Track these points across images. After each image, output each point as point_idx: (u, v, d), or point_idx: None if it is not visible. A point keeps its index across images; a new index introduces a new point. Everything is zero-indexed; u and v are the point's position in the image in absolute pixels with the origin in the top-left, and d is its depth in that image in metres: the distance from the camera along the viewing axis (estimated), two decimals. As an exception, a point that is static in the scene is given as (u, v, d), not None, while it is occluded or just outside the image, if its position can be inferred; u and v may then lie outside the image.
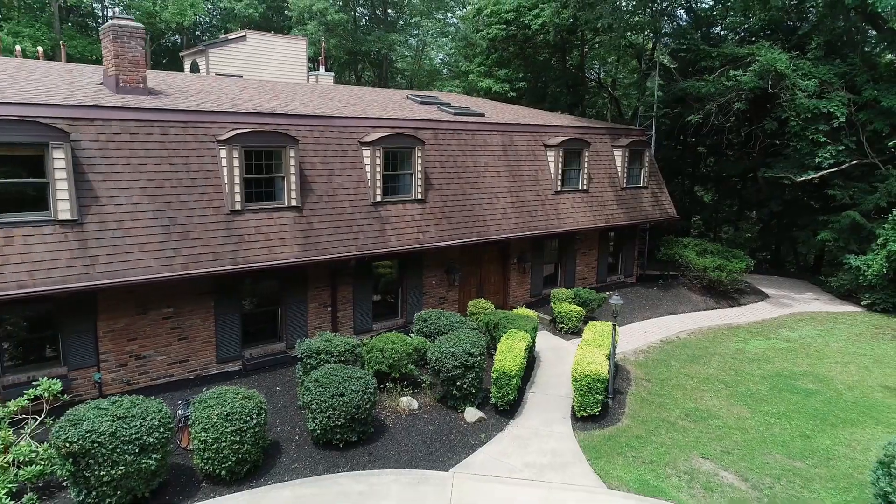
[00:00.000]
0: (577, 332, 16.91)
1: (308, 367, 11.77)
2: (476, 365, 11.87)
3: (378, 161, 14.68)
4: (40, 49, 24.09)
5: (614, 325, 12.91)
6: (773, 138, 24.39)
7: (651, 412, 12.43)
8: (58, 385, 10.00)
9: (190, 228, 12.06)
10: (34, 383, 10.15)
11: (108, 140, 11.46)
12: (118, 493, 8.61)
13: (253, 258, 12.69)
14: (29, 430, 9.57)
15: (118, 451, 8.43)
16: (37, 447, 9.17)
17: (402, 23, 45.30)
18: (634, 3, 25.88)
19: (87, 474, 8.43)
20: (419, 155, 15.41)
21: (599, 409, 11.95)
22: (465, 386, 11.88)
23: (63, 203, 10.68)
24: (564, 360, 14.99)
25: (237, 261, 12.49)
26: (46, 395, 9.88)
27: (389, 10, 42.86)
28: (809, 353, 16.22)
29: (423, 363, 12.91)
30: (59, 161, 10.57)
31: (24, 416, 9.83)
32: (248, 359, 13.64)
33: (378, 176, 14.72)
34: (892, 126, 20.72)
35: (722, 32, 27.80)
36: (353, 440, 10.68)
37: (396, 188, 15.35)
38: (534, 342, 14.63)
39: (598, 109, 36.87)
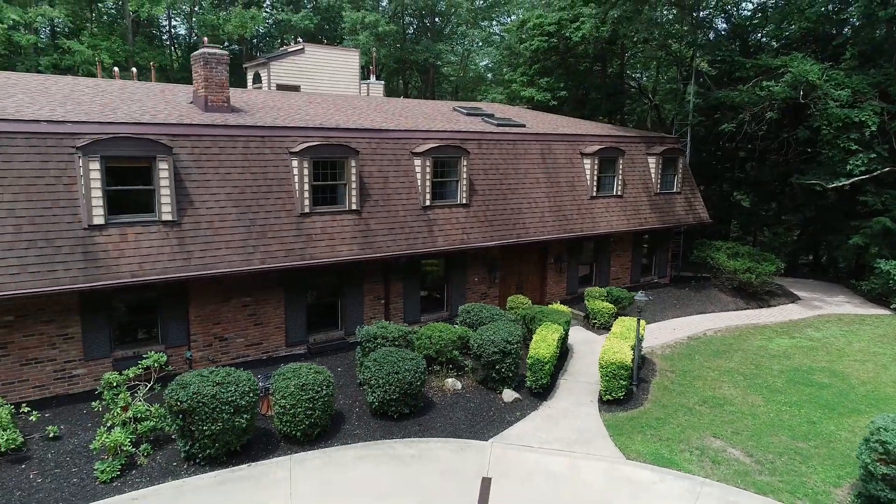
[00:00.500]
0: (608, 328, 18.23)
1: (367, 349, 13.55)
2: (513, 352, 13.44)
3: (428, 169, 16.40)
4: (116, 69, 26.36)
5: (638, 320, 14.28)
6: (806, 146, 25.08)
7: (671, 398, 13.76)
8: (163, 357, 12.07)
9: (266, 228, 13.99)
10: (142, 357, 12.27)
11: (201, 153, 13.50)
12: (216, 445, 10.51)
13: (319, 255, 14.55)
14: (142, 394, 11.61)
15: (217, 410, 10.32)
16: (149, 407, 11.18)
17: (447, 31, 47.03)
18: (674, 14, 26.92)
19: (192, 429, 10.35)
20: (464, 164, 17.06)
21: (623, 393, 13.35)
22: (503, 370, 13.46)
23: (166, 206, 12.74)
24: (595, 351, 16.37)
25: (305, 257, 14.37)
26: (155, 365, 11.93)
27: (437, 19, 44.62)
28: (830, 352, 17.18)
29: (465, 349, 14.53)
30: (163, 171, 12.63)
31: (136, 382, 11.90)
32: (312, 343, 15.53)
33: (427, 183, 16.43)
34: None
35: (762, 40, 28.55)
36: (405, 412, 12.39)
37: (444, 193, 17.03)
38: (566, 334, 16.10)
39: (638, 115, 37.81)
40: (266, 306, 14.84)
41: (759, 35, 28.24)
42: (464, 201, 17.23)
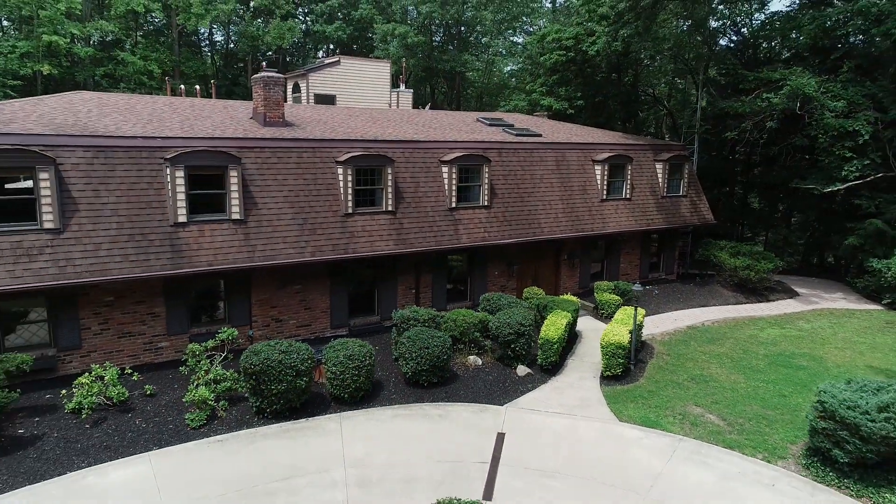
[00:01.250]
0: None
1: (401, 329, 15.91)
2: (526, 333, 15.68)
3: (454, 175, 18.71)
4: (182, 86, 29.00)
5: (635, 308, 16.41)
6: (804, 153, 26.81)
7: (663, 376, 15.86)
8: (235, 332, 14.58)
9: (316, 226, 16.44)
10: (214, 334, 14.80)
11: (262, 162, 16.00)
12: (281, 402, 12.95)
13: (360, 249, 16.97)
14: (218, 361, 14.14)
15: (282, 373, 12.76)
16: (225, 372, 13.68)
17: (472, 39, 49.29)
18: (687, 25, 28.77)
19: (262, 388, 12.81)
20: (486, 170, 19.34)
21: (621, 370, 15.50)
22: (517, 349, 15.71)
23: (235, 207, 15.25)
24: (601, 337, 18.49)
25: (348, 251, 16.79)
26: (228, 339, 14.45)
27: (462, 28, 46.90)
28: (815, 340, 19.06)
29: (485, 332, 16.79)
30: (233, 178, 15.15)
31: (212, 353, 14.42)
32: (352, 326, 17.95)
33: (453, 187, 18.75)
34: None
35: (768, 53, 30.29)
36: (434, 382, 14.71)
37: (467, 196, 19.32)
38: (575, 321, 18.28)
39: (655, 122, 39.63)
40: (314, 293, 17.31)
41: (765, 48, 29.96)
42: (485, 203, 19.51)
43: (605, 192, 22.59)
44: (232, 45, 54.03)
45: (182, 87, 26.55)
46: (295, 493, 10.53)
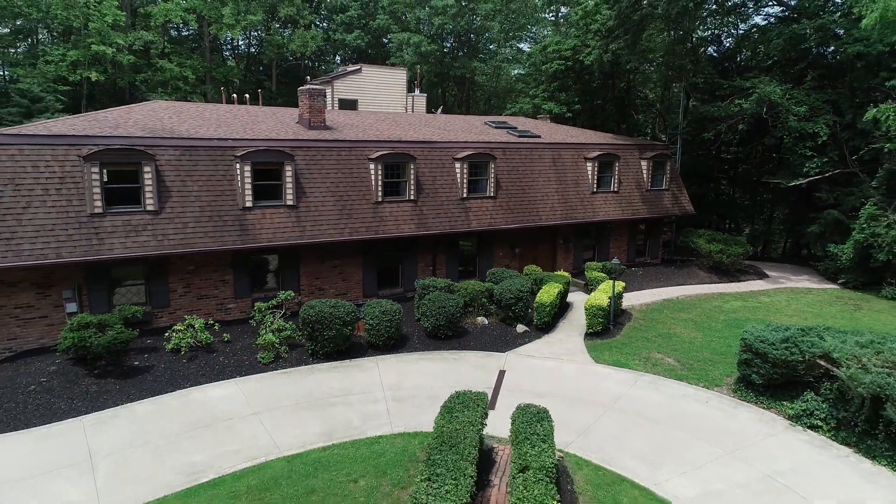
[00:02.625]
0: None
1: (422, 294, 19.54)
2: (524, 298, 19.28)
3: (465, 171, 22.33)
4: (234, 95, 32.57)
5: (614, 279, 19.99)
6: (773, 152, 30.24)
7: (636, 333, 19.43)
8: (291, 294, 18.28)
9: (352, 212, 20.10)
10: (271, 298, 18.49)
11: (310, 159, 19.69)
12: (331, 345, 16.60)
13: (387, 231, 20.61)
14: (279, 316, 17.84)
15: (332, 322, 16.41)
16: (284, 323, 17.37)
17: (481, 46, 52.88)
18: (673, 35, 32.21)
19: (316, 334, 16.48)
20: (492, 167, 22.93)
21: (601, 328, 19.07)
22: (516, 311, 19.31)
23: (289, 195, 18.94)
24: (588, 306, 22.04)
25: (378, 232, 20.44)
26: (286, 300, 18.15)
27: (472, 36, 50.50)
28: (770, 310, 22.52)
29: (491, 298, 20.38)
30: (288, 172, 18.84)
31: (272, 310, 18.12)
32: (380, 295, 21.59)
33: (465, 181, 22.36)
34: (866, 142, 26.32)
35: (745, 61, 33.70)
36: (449, 335, 18.34)
37: (476, 188, 22.92)
38: (566, 292, 21.86)
39: (650, 123, 43.07)
40: (350, 267, 20.98)
41: (743, 58, 33.39)
42: (491, 194, 23.10)
43: (595, 186, 26.13)
44: (253, 50, 57.96)
45: (234, 95, 30.20)
46: (348, 405, 14.20)
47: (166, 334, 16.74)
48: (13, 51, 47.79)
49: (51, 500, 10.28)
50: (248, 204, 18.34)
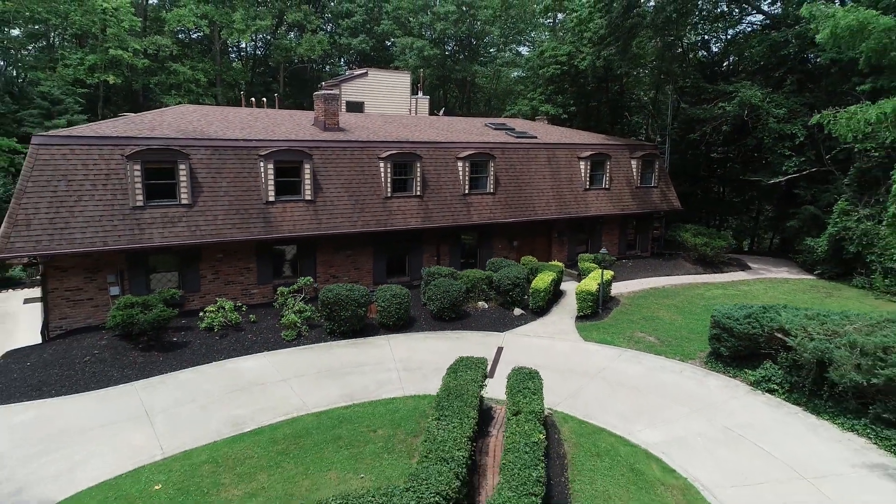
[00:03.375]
0: (593, 281, 25.79)
1: (427, 281, 21.48)
2: (520, 284, 21.23)
3: (467, 169, 24.27)
4: (252, 99, 34.46)
5: (602, 267, 21.93)
6: (755, 151, 32.19)
7: (622, 316, 21.37)
8: (310, 279, 20.23)
9: (364, 206, 22.04)
10: (291, 283, 20.43)
11: (326, 158, 21.64)
12: (346, 325, 18.54)
13: (396, 224, 22.55)
14: (300, 298, 19.79)
15: (349, 304, 18.35)
16: (304, 306, 19.30)
17: (481, 50, 54.86)
18: (663, 41, 34.18)
19: (334, 315, 18.42)
20: (492, 165, 24.87)
21: (590, 311, 21.01)
22: (514, 296, 21.25)
23: (307, 191, 20.88)
24: (580, 293, 23.97)
25: (387, 225, 22.38)
26: (305, 285, 20.09)
27: (473, 41, 52.47)
28: (747, 297, 24.43)
29: (490, 284, 22.31)
30: (306, 169, 20.78)
31: (293, 294, 20.06)
32: (389, 283, 23.49)
33: (466, 178, 24.30)
34: (840, 142, 28.24)
35: (733, 65, 35.66)
36: (453, 317, 20.28)
37: (477, 185, 24.86)
38: (560, 280, 23.80)
39: (644, 124, 45.01)
40: (361, 257, 22.92)
41: (728, 63, 35.35)
42: (491, 190, 25.04)
43: (587, 183, 28.07)
44: (259, 52, 59.90)
45: (252, 99, 32.15)
46: (364, 374, 16.14)
47: (200, 314, 18.71)
48: (25, 53, 49.59)
49: (120, 443, 12.24)
50: (271, 198, 20.27)
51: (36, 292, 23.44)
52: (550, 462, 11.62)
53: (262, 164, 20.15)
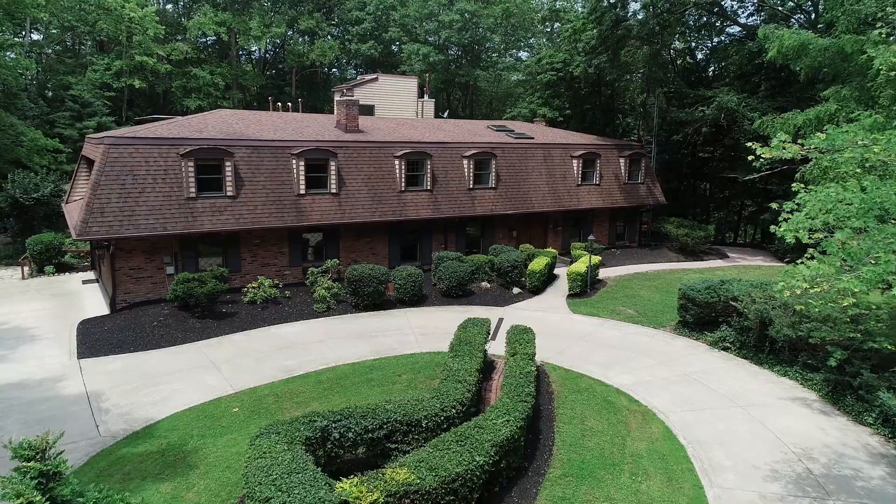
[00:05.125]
0: (583, 266, 28.85)
1: (438, 263, 24.57)
2: (518, 266, 24.32)
3: (471, 166, 27.37)
4: (279, 103, 37.48)
5: (590, 252, 25.03)
6: (732, 151, 35.30)
7: (608, 294, 24.46)
8: (337, 261, 23.34)
9: (381, 198, 25.11)
10: (319, 265, 23.53)
11: (348, 156, 24.73)
12: (369, 300, 21.61)
13: (409, 214, 25.64)
14: (328, 277, 22.89)
15: (371, 281, 21.43)
16: (332, 283, 22.39)
17: (483, 55, 57.97)
18: (649, 48, 37.29)
19: (358, 290, 21.50)
20: (494, 163, 27.96)
21: (579, 289, 24.10)
22: (512, 276, 24.34)
23: (333, 185, 23.98)
24: (571, 276, 27.05)
25: (401, 216, 25.47)
26: (333, 266, 23.20)
27: (475, 47, 55.59)
28: (720, 280, 27.47)
29: (492, 267, 25.39)
30: (332, 166, 23.88)
31: (321, 274, 23.15)
32: (402, 266, 26.59)
33: (471, 174, 27.40)
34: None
35: (715, 72, 38.74)
36: (460, 295, 23.36)
37: (480, 180, 27.94)
38: (554, 265, 26.89)
39: (635, 126, 48.10)
40: (378, 243, 26.00)
41: (712, 71, 38.45)
42: (492, 186, 28.13)
43: (580, 179, 31.14)
44: (268, 56, 63.05)
45: (279, 104, 35.32)
46: (387, 336, 19.22)
47: (242, 290, 21.84)
48: (55, 57, 52.57)
49: (198, 383, 15.34)
50: (302, 191, 23.36)
51: (89, 275, 26.53)
52: (541, 397, 14.70)
53: (293, 161, 23.24)
